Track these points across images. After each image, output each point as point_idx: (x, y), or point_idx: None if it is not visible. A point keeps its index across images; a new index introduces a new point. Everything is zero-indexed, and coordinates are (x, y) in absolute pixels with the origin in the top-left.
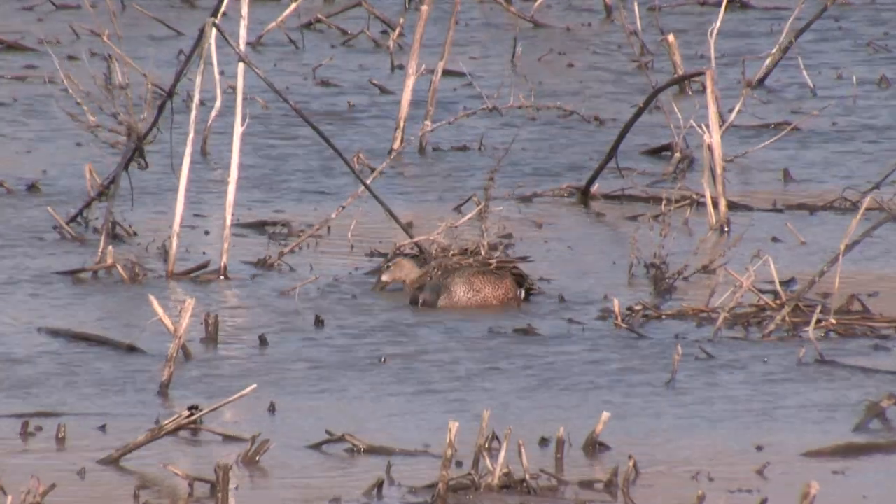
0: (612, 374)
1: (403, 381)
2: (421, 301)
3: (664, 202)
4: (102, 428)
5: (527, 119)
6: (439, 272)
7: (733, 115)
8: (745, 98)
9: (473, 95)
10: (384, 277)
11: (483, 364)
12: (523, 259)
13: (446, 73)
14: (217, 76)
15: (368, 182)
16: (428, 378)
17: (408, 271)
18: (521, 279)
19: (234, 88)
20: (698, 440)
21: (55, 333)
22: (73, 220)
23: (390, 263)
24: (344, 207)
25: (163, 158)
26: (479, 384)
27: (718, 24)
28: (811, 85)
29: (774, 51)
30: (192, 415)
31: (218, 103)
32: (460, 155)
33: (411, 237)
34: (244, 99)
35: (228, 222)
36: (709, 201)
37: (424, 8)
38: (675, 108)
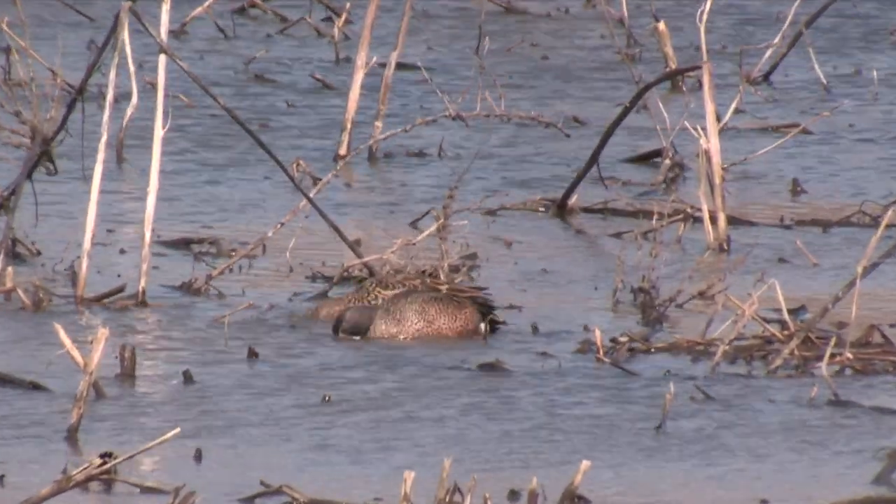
0: (593, 417)
1: (350, 423)
2: (343, 328)
3: (654, 217)
4: (0, 479)
5: (494, 122)
6: (372, 295)
7: (729, 113)
8: (745, 95)
9: (433, 92)
10: (323, 313)
11: (443, 404)
12: (479, 290)
13: (401, 66)
14: (133, 70)
15: (311, 195)
16: (379, 419)
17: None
18: (485, 309)
19: (153, 84)
20: (693, 493)
21: None
22: None
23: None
24: (282, 224)
25: (72, 165)
26: (438, 427)
27: (709, 4)
28: (823, 80)
29: (777, 41)
30: (104, 463)
31: (134, 100)
32: (417, 162)
33: (360, 257)
34: (166, 96)
35: (147, 240)
36: (705, 216)
37: None
38: (666, 107)
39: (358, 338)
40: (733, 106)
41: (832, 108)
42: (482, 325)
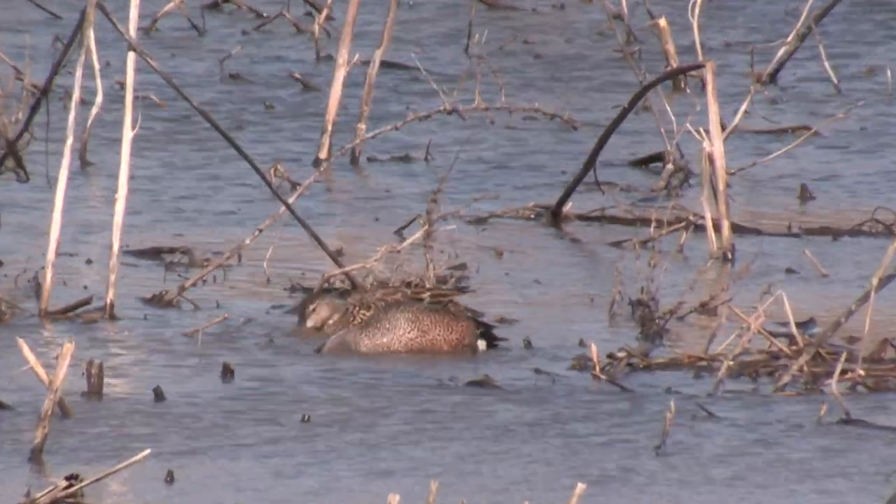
0: (588, 437)
1: (331, 444)
2: (329, 346)
3: (654, 225)
4: None
5: (484, 122)
6: (357, 319)
7: (738, 116)
8: (753, 96)
9: (420, 93)
10: (309, 324)
11: (430, 424)
12: (460, 291)
13: (385, 64)
14: (97, 68)
15: (290, 201)
16: (361, 441)
17: (332, 311)
18: (483, 326)
19: (122, 84)
20: None
21: None
22: None
23: (313, 306)
24: (260, 231)
25: (36, 169)
26: (425, 449)
27: None
28: (835, 80)
29: (790, 38)
30: (70, 486)
31: (99, 99)
32: (402, 166)
33: (341, 267)
34: (136, 97)
35: (116, 249)
36: (709, 224)
37: None
38: (668, 108)
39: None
40: (743, 108)
41: (844, 109)
42: (479, 342)
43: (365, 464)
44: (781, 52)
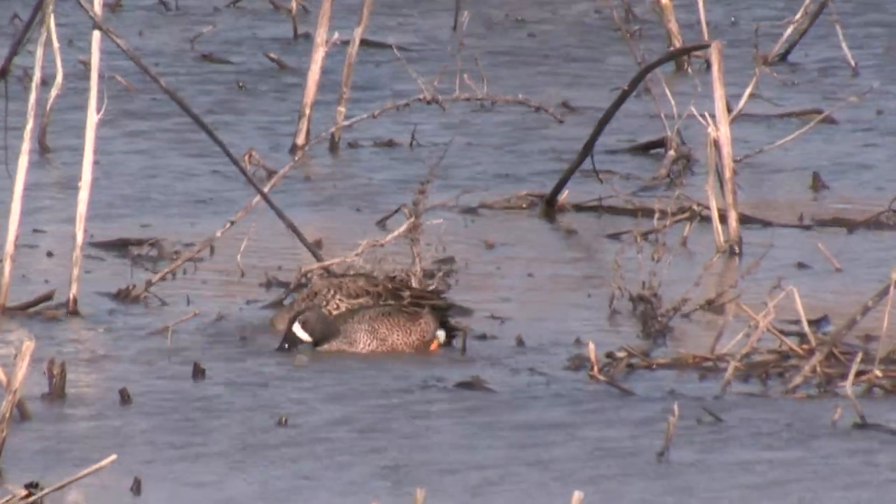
0: (586, 442)
1: (310, 449)
2: (302, 321)
3: (656, 215)
4: None
5: (474, 106)
6: (332, 304)
7: (744, 99)
8: (761, 78)
9: (403, 74)
10: (279, 325)
11: (415, 427)
12: (436, 293)
13: (366, 43)
14: (57, 45)
15: (266, 190)
16: (342, 445)
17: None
18: (441, 313)
19: (86, 64)
20: None
21: None
22: None
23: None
24: (233, 223)
25: None
26: (410, 453)
27: None
28: (851, 62)
29: (800, 16)
30: (29, 494)
31: (59, 80)
32: (385, 153)
33: (320, 260)
34: (101, 78)
35: (79, 241)
36: (714, 215)
37: None
38: (671, 91)
39: (307, 338)
40: (748, 91)
41: (860, 92)
42: (439, 334)
43: (343, 470)
44: (790, 30)
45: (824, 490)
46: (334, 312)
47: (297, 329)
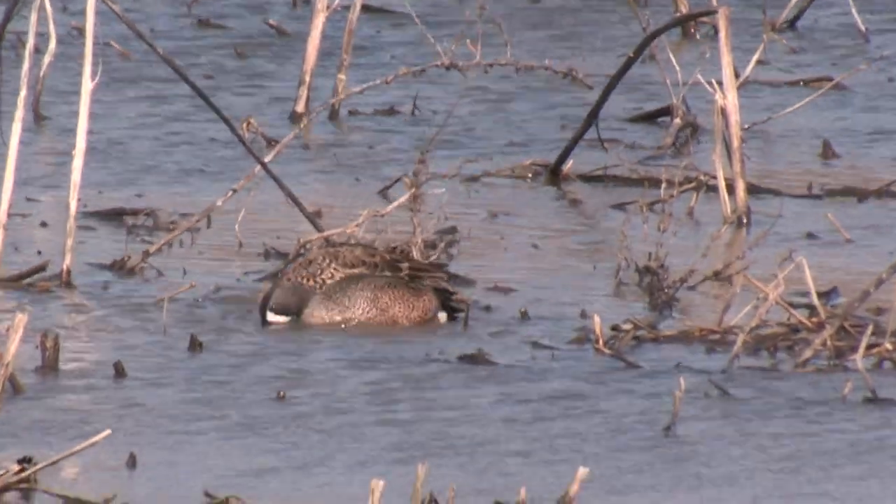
0: (591, 417)
1: (308, 423)
2: (273, 304)
3: (663, 185)
4: None
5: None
6: (327, 273)
7: (750, 66)
8: (768, 44)
9: (405, 41)
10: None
11: (417, 402)
12: (438, 267)
13: (367, 9)
14: (50, 11)
15: (266, 159)
16: (342, 420)
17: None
18: (445, 294)
19: (81, 30)
20: None
21: None
22: None
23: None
24: (235, 191)
25: None
26: (411, 429)
27: None
28: (861, 27)
29: None
30: (22, 470)
31: (52, 46)
32: (386, 121)
33: (320, 230)
34: (96, 44)
35: (73, 210)
36: (722, 184)
37: None
38: (677, 58)
39: (285, 319)
40: (755, 57)
41: (871, 58)
42: (440, 314)
43: (344, 446)
44: None
45: (834, 465)
46: (328, 282)
47: (273, 317)
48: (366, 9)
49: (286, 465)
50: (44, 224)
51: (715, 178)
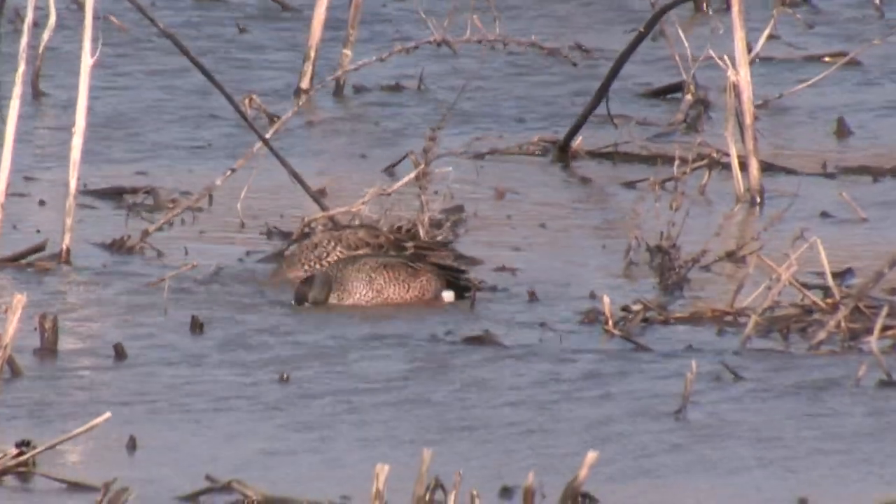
0: (600, 400)
1: (312, 406)
2: (311, 299)
3: (675, 163)
4: None
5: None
6: (333, 256)
7: (762, 40)
8: (780, 19)
9: (410, 11)
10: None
11: (422, 384)
12: (443, 245)
13: None
14: None
15: (268, 136)
16: (346, 403)
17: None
18: (451, 274)
19: (80, 4)
20: (718, 490)
21: None
22: None
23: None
24: (233, 170)
25: None
26: (416, 412)
27: None
28: (876, 1)
29: None
30: (21, 453)
31: (51, 21)
32: (392, 97)
33: (325, 209)
34: (95, 19)
35: (73, 189)
36: (734, 162)
37: None
38: (688, 34)
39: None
40: (766, 32)
41: (886, 34)
42: (445, 294)
43: (349, 429)
44: None
45: (849, 449)
46: None
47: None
48: None
49: (289, 448)
50: (42, 203)
51: (727, 155)
